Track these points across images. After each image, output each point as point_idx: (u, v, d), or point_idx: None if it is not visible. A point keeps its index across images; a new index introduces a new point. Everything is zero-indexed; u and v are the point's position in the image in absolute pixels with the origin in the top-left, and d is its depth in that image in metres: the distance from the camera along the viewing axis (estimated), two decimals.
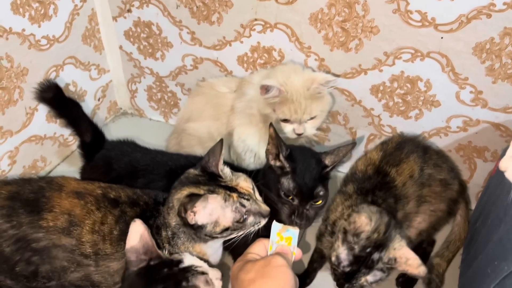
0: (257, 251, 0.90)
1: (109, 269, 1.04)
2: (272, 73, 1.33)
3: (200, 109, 1.46)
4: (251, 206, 0.96)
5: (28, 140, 1.48)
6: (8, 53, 1.30)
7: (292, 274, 0.86)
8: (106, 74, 1.75)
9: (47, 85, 1.34)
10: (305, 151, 1.11)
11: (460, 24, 1.16)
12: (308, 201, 1.03)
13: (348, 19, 1.26)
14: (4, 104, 1.35)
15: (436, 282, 1.24)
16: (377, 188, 1.11)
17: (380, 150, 1.20)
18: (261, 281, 0.83)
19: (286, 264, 0.87)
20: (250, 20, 1.39)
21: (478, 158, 1.41)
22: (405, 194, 1.12)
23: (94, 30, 1.62)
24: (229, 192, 0.96)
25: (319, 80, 1.25)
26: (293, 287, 0.85)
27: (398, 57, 1.28)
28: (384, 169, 1.14)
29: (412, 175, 1.14)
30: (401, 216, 1.13)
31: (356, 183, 1.14)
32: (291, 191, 1.03)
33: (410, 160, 1.17)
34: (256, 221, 0.98)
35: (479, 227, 1.18)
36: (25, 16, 1.32)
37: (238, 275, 0.85)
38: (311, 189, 1.02)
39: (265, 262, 0.86)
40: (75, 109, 1.33)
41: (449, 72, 1.26)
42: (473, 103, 1.29)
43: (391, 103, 1.39)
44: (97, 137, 1.34)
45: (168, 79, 1.69)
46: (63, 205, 1.04)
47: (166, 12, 1.49)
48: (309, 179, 1.03)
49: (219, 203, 0.94)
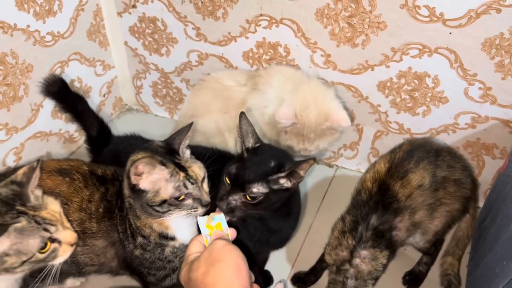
0: (195, 249, 0.91)
1: (94, 247, 1.05)
2: (295, 90, 1.31)
3: (206, 103, 1.45)
4: (193, 190, 0.97)
5: (33, 136, 1.48)
6: (13, 50, 1.30)
7: (238, 249, 0.87)
8: (111, 70, 1.75)
9: (52, 80, 1.33)
10: (274, 152, 1.07)
11: (469, 19, 1.14)
12: (238, 191, 0.99)
13: (354, 14, 1.25)
14: (9, 100, 1.35)
15: (455, 284, 1.23)
16: (372, 212, 1.10)
17: (388, 161, 1.17)
18: (213, 269, 0.83)
19: (228, 243, 0.88)
20: (255, 15, 1.37)
21: (486, 155, 1.39)
22: (410, 206, 1.11)
23: (99, 26, 1.61)
24: (178, 169, 0.96)
25: (333, 121, 1.27)
26: (243, 260, 0.85)
27: (405, 53, 1.27)
28: (387, 183, 1.12)
29: (422, 184, 1.12)
30: (408, 225, 1.12)
31: (353, 211, 1.13)
32: (229, 176, 1.01)
33: (420, 169, 1.14)
34: (194, 206, 0.98)
35: (487, 225, 1.17)
36: (30, 12, 1.32)
37: (189, 277, 0.85)
38: (246, 181, 0.98)
39: (208, 252, 0.87)
40: (80, 104, 1.33)
41: (458, 68, 1.24)
42: (482, 99, 1.27)
43: (399, 99, 1.37)
44: (103, 131, 1.34)
45: (173, 75, 1.69)
46: (44, 184, 1.03)
47: (171, 8, 1.48)
48: (251, 173, 0.99)
49: (164, 176, 0.95)
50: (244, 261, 0.85)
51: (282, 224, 1.13)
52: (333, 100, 1.32)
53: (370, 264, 1.06)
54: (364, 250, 1.06)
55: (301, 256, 1.36)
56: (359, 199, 1.15)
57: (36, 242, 0.86)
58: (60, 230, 0.90)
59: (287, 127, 1.29)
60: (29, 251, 0.85)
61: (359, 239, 1.07)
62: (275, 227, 1.12)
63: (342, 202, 1.50)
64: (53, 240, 0.89)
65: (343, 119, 1.28)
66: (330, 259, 1.12)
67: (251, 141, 1.04)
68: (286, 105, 1.27)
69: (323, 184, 1.58)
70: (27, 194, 0.89)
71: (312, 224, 1.44)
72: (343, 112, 1.29)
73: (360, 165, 1.61)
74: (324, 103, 1.29)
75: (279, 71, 1.41)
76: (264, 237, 1.13)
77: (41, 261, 0.88)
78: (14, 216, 0.85)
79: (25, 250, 0.85)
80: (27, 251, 0.85)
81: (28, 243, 0.85)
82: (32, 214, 0.87)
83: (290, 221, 1.15)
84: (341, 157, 1.62)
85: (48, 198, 0.93)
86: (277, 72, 1.41)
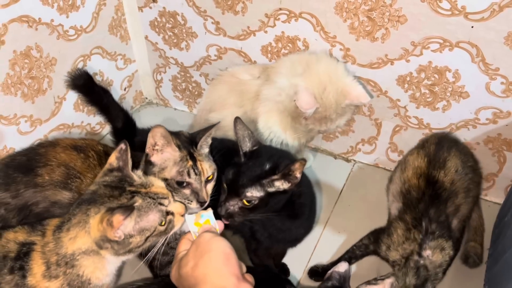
0: (184, 248, 0.92)
1: None
2: (307, 72, 1.30)
3: (222, 97, 1.46)
4: (194, 181, 1.01)
5: (56, 128, 1.52)
6: (37, 43, 1.34)
7: (225, 240, 0.88)
8: (132, 64, 1.77)
9: (78, 73, 1.36)
10: (271, 153, 1.04)
11: (492, 12, 1.13)
12: (234, 197, 0.98)
13: (374, 8, 1.24)
14: (34, 93, 1.38)
15: (473, 258, 1.26)
16: (429, 205, 1.14)
17: (424, 155, 1.22)
18: (202, 260, 0.84)
19: (215, 235, 0.89)
20: (274, 9, 1.38)
21: (508, 151, 1.37)
22: (454, 191, 1.17)
23: (120, 20, 1.64)
24: (188, 158, 1.01)
25: (353, 99, 1.25)
26: (232, 249, 0.87)
27: (426, 47, 1.25)
28: (433, 175, 1.18)
29: (457, 169, 1.19)
30: (452, 210, 1.16)
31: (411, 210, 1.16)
32: (226, 181, 1.01)
33: (452, 156, 1.21)
34: (190, 198, 1.01)
35: (508, 221, 1.16)
36: (54, 7, 1.35)
37: (180, 273, 0.86)
38: (240, 186, 0.97)
39: (195, 245, 0.88)
40: (105, 96, 1.35)
41: (479, 62, 1.22)
42: (504, 94, 1.25)
43: (418, 94, 1.36)
44: (128, 123, 1.36)
45: (192, 69, 1.70)
46: (59, 158, 1.06)
47: (191, 2, 1.49)
48: (245, 177, 0.97)
49: (175, 158, 1.00)
50: (232, 251, 0.87)
51: (289, 225, 1.10)
52: (347, 76, 1.29)
53: (440, 255, 1.10)
54: (433, 241, 1.11)
55: (318, 249, 1.36)
56: (410, 197, 1.18)
57: (157, 216, 0.89)
58: (172, 202, 0.94)
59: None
60: (151, 226, 0.89)
61: (426, 232, 1.11)
62: (282, 227, 1.10)
63: (359, 196, 1.52)
64: (167, 212, 0.92)
65: (362, 96, 1.25)
66: (397, 255, 1.14)
67: (248, 145, 1.03)
68: (304, 91, 1.23)
69: (340, 178, 1.58)
70: (130, 175, 0.93)
71: (329, 219, 1.44)
72: (360, 87, 1.27)
73: (378, 160, 1.60)
74: (339, 81, 1.27)
75: (285, 58, 1.42)
76: (273, 234, 1.11)
77: (162, 233, 0.92)
78: (129, 197, 0.89)
79: (148, 226, 0.89)
80: (150, 227, 0.89)
81: (149, 219, 0.88)
82: (144, 191, 0.90)
83: (297, 222, 1.11)
84: (359, 152, 1.62)
85: (150, 177, 0.97)
86: (284, 60, 1.41)
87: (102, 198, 0.89)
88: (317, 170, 1.62)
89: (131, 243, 0.88)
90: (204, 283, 0.81)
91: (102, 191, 0.90)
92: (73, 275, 0.90)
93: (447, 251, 1.11)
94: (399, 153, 1.54)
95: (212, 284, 0.81)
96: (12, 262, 0.91)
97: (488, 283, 1.18)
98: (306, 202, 1.10)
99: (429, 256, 1.10)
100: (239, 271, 0.85)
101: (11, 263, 0.91)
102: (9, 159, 1.11)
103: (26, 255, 0.91)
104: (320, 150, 1.68)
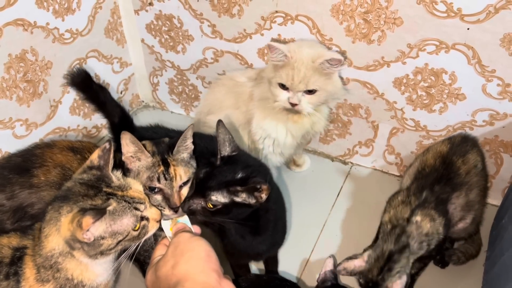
0: (159, 253, 0.92)
1: None
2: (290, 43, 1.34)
3: (219, 99, 1.47)
4: (164, 186, 1.00)
5: (52, 132, 1.51)
6: (33, 47, 1.33)
7: (204, 239, 0.89)
8: (128, 67, 1.77)
9: (77, 72, 1.36)
10: (248, 163, 1.03)
11: (488, 14, 1.13)
12: (199, 196, 0.97)
13: (370, 10, 1.24)
14: (29, 96, 1.38)
15: (458, 256, 1.30)
16: (437, 181, 1.16)
17: (448, 143, 1.24)
18: (183, 259, 0.84)
19: (193, 235, 0.90)
20: (271, 12, 1.38)
21: (505, 153, 1.37)
22: (468, 182, 1.17)
23: (117, 23, 1.63)
24: (161, 163, 1.00)
25: (325, 56, 1.23)
26: (211, 247, 0.88)
27: (422, 49, 1.25)
28: (451, 159, 1.19)
29: (476, 165, 1.20)
30: (463, 204, 1.17)
31: (418, 181, 1.18)
32: (196, 180, 1.00)
33: (474, 152, 1.22)
34: (161, 205, 1.00)
35: (505, 223, 1.15)
36: (49, 10, 1.34)
37: (157, 275, 0.86)
38: (208, 188, 0.96)
39: (173, 245, 0.88)
40: (102, 93, 1.35)
41: (476, 64, 1.22)
42: (501, 96, 1.25)
43: (415, 96, 1.36)
44: (125, 118, 1.36)
45: (189, 72, 1.70)
46: (56, 158, 1.06)
47: (187, 5, 1.49)
48: (214, 180, 0.97)
49: (147, 164, 1.01)
50: (212, 249, 0.88)
51: (250, 239, 1.09)
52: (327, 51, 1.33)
53: (428, 224, 1.10)
54: (425, 210, 1.11)
55: (315, 251, 1.36)
56: (422, 172, 1.20)
57: (131, 221, 0.89)
58: (148, 207, 0.93)
59: (279, 62, 1.25)
60: (124, 231, 0.88)
61: (423, 201, 1.13)
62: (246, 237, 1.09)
63: (356, 199, 1.51)
64: (142, 217, 0.91)
65: (335, 54, 1.26)
66: (387, 217, 1.15)
67: (227, 150, 1.03)
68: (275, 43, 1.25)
69: (337, 181, 1.58)
70: (108, 176, 0.92)
71: (327, 221, 1.44)
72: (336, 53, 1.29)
73: (375, 162, 1.60)
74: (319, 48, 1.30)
75: None
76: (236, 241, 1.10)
77: (135, 238, 0.91)
78: (104, 198, 0.88)
79: (121, 230, 0.88)
80: (123, 231, 0.88)
81: (122, 223, 0.88)
82: (120, 194, 0.90)
83: (259, 238, 1.09)
84: (356, 154, 1.62)
85: (128, 179, 0.96)
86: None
87: (76, 197, 0.87)
88: (315, 173, 1.61)
89: (101, 245, 0.87)
90: (185, 280, 0.81)
91: (77, 189, 0.89)
92: (62, 279, 0.89)
93: (437, 224, 1.11)
94: (396, 155, 1.54)
95: (194, 281, 0.81)
96: (7, 267, 0.90)
97: (486, 285, 1.17)
98: (271, 219, 1.08)
99: (418, 222, 1.10)
100: (220, 268, 0.86)
101: (6, 268, 0.90)
102: (5, 161, 1.11)
103: (20, 259, 0.90)
104: (317, 153, 1.68)
